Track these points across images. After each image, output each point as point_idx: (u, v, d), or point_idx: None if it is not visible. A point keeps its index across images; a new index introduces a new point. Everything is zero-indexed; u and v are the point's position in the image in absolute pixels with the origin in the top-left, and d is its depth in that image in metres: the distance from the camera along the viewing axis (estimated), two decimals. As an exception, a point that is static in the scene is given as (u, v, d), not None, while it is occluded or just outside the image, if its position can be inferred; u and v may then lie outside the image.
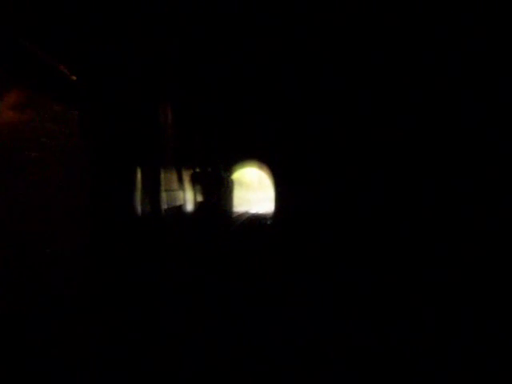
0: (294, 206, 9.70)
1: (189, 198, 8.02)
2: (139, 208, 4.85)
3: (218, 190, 11.49)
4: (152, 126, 5.35)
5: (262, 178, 35.15)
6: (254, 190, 35.39)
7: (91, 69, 3.31)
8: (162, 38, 4.21)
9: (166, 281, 5.78)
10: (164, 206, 6.12)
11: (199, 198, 9.19)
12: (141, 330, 3.59)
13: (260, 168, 18.53)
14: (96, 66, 3.39)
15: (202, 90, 5.99)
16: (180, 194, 7.22)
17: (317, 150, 6.47)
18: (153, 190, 5.48)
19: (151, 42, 4.25)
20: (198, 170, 8.87)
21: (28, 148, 2.46)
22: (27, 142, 2.45)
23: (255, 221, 17.47)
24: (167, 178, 6.23)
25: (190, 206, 8.12)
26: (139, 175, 4.80)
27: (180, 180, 7.20)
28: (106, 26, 3.45)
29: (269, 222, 16.04)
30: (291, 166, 9.28)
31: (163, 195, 6.03)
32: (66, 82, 2.89)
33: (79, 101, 3.11)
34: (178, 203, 7.05)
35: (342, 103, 4.98)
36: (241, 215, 20.10)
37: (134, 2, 3.39)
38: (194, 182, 8.55)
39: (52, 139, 2.72)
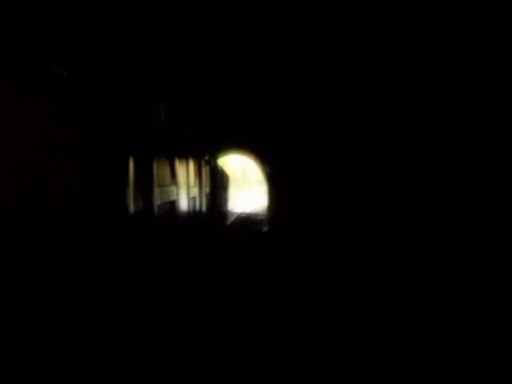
0: (298, 211, 8.48)
1: (182, 193, 7.43)
2: (132, 204, 4.35)
3: (213, 185, 10.76)
4: (144, 119, 4.90)
5: (247, 168, 31.63)
6: (237, 185, 32.87)
7: (83, 64, 3.09)
8: (156, 40, 3.78)
9: (157, 283, 5.23)
10: (157, 202, 5.59)
11: (193, 194, 8.57)
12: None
13: (245, 155, 16.07)
14: (88, 60, 3.18)
15: (191, 80, 5.39)
16: (173, 188, 6.66)
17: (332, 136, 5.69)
18: (145, 185, 4.99)
19: (144, 41, 3.79)
20: (191, 162, 8.24)
21: (17, 143, 2.13)
22: (15, 138, 2.13)
23: (246, 225, 16.24)
24: (160, 172, 5.69)
25: (183, 202, 7.51)
26: (131, 170, 4.31)
27: (173, 174, 6.63)
28: (102, 22, 3.15)
29: (264, 230, 14.70)
30: (293, 155, 8.32)
31: (156, 190, 5.49)
32: (56, 77, 2.70)
33: (70, 95, 2.90)
34: (171, 199, 6.51)
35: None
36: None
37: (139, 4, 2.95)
38: (188, 175, 7.94)
39: (42, 134, 2.41)
